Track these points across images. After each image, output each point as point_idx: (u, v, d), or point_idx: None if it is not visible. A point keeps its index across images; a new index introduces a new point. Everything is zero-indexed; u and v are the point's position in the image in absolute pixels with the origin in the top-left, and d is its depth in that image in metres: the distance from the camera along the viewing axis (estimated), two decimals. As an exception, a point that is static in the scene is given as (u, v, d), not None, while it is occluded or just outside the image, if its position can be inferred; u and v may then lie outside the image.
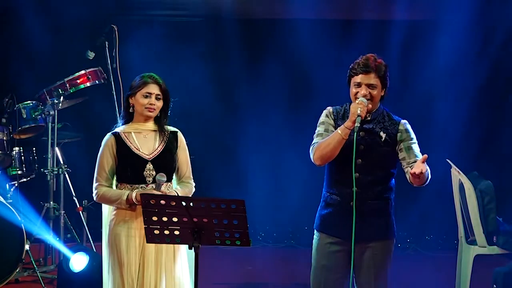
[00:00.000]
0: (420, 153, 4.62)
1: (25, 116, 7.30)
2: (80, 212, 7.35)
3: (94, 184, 4.81)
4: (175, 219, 4.18)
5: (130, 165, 4.75)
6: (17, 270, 6.80)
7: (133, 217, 4.74)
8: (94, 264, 6.37)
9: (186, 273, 4.85)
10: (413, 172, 4.44)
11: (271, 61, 8.41)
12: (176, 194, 4.77)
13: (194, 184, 4.94)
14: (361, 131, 4.61)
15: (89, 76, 7.40)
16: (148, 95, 4.79)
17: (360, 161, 4.61)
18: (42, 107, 7.29)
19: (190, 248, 4.23)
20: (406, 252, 8.57)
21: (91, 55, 7.50)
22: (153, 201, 4.21)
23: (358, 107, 4.54)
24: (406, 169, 4.63)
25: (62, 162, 7.43)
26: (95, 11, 8.40)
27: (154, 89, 4.80)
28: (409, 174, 4.53)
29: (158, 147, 4.83)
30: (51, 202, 7.33)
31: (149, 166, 4.76)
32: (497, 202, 6.56)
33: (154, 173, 4.75)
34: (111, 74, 7.29)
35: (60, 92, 7.31)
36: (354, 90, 4.63)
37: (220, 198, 4.14)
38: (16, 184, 7.36)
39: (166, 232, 4.22)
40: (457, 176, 6.64)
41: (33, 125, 7.37)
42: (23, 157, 7.38)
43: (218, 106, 8.66)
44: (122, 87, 7.17)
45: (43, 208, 7.33)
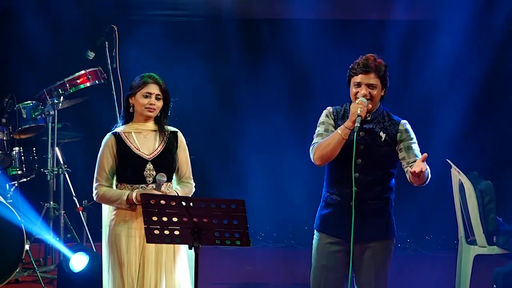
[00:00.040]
0: (420, 153, 4.62)
1: (25, 116, 7.29)
2: (80, 212, 7.35)
3: (94, 184, 4.81)
4: (175, 219, 4.18)
5: (130, 165, 4.75)
6: (17, 270, 6.80)
7: (133, 217, 4.74)
8: (94, 264, 6.36)
9: (186, 273, 4.85)
10: (413, 171, 4.44)
11: (271, 61, 8.41)
12: (176, 194, 4.77)
13: (194, 184, 4.94)
14: (361, 131, 4.61)
15: (89, 76, 7.40)
16: (148, 95, 4.79)
17: (360, 161, 4.61)
18: (42, 107, 7.29)
19: (190, 248, 4.23)
20: (406, 252, 8.57)
21: (91, 55, 7.50)
22: (153, 201, 4.21)
23: (358, 107, 4.54)
24: (406, 168, 4.63)
25: (62, 162, 7.42)
26: (95, 11, 8.40)
27: (154, 89, 4.80)
28: (409, 173, 4.53)
29: (158, 147, 4.83)
30: (51, 202, 7.33)
31: (149, 166, 4.76)
32: (497, 202, 6.56)
33: (154, 173, 4.75)
34: (111, 74, 7.29)
35: (60, 92, 7.31)
36: (354, 90, 4.63)
37: (220, 198, 4.14)
38: (16, 184, 7.35)
39: (166, 232, 4.21)
40: (457, 176, 6.63)
41: (33, 125, 7.36)
42: (23, 157, 7.38)
43: (218, 106, 8.66)
44: (122, 87, 7.17)
45: (43, 208, 7.33)
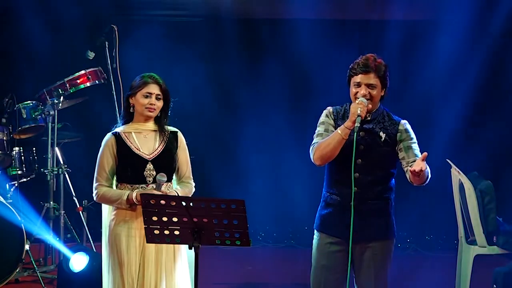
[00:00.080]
0: (420, 152, 4.62)
1: (25, 116, 7.29)
2: (80, 212, 7.35)
3: (94, 184, 4.81)
4: (175, 219, 4.18)
5: (130, 165, 4.75)
6: (17, 270, 6.80)
7: (133, 217, 4.74)
8: (94, 264, 6.36)
9: (186, 273, 4.85)
10: (413, 170, 4.44)
11: (271, 61, 8.41)
12: (176, 194, 4.77)
13: (194, 184, 4.94)
14: (361, 131, 4.60)
15: (89, 76, 7.40)
16: (148, 95, 4.79)
17: (360, 161, 4.61)
18: (42, 107, 7.29)
19: (190, 248, 4.23)
20: (406, 252, 8.57)
21: (91, 55, 7.49)
22: (153, 201, 4.21)
23: (358, 107, 4.54)
24: (406, 168, 4.62)
25: (62, 162, 7.42)
26: (95, 11, 8.40)
27: (154, 89, 4.80)
28: (409, 172, 4.53)
29: (158, 147, 4.82)
30: (51, 202, 7.33)
31: (149, 166, 4.76)
32: (497, 202, 6.56)
33: (154, 173, 4.75)
34: (111, 74, 7.29)
35: (60, 92, 7.31)
36: (354, 90, 4.63)
37: (220, 198, 4.14)
38: (16, 184, 7.35)
39: (166, 232, 4.21)
40: (457, 176, 6.63)
41: (33, 125, 7.36)
42: (23, 157, 7.38)
43: (218, 106, 8.66)
44: (122, 87, 7.17)
45: (43, 208, 7.33)
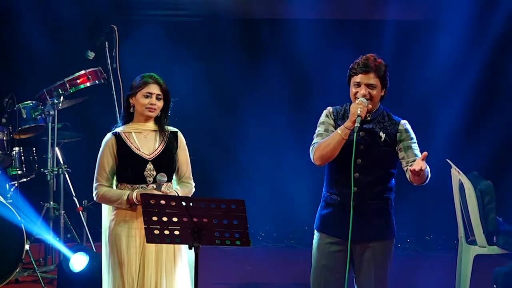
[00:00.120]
0: (420, 152, 4.61)
1: (25, 116, 7.29)
2: (80, 212, 7.35)
3: (94, 184, 4.81)
4: (175, 219, 4.18)
5: (130, 165, 4.75)
6: (17, 270, 6.80)
7: (133, 217, 4.74)
8: (94, 264, 6.36)
9: (186, 273, 4.85)
10: (413, 169, 4.44)
11: (271, 61, 8.41)
12: (176, 194, 4.77)
13: (194, 184, 4.94)
14: (361, 131, 4.60)
15: (89, 76, 7.40)
16: (148, 95, 4.79)
17: (360, 161, 4.61)
18: (42, 107, 7.29)
19: (190, 248, 4.23)
20: (406, 252, 8.57)
21: (91, 55, 7.49)
22: (153, 201, 4.20)
23: (358, 107, 4.54)
24: (405, 168, 4.62)
25: (62, 162, 7.42)
26: (95, 11, 8.40)
27: (154, 89, 4.80)
28: (409, 172, 4.53)
29: (158, 147, 4.82)
30: (51, 202, 7.33)
31: (150, 166, 4.76)
32: (497, 202, 6.56)
33: (154, 173, 4.75)
34: (111, 74, 7.29)
35: (60, 92, 7.31)
36: (354, 90, 4.63)
37: (220, 198, 4.14)
38: (16, 184, 7.35)
39: (166, 232, 4.21)
40: (457, 176, 6.63)
41: (33, 125, 7.36)
42: (23, 157, 7.38)
43: (218, 106, 8.66)
44: (122, 87, 7.17)
45: (43, 208, 7.33)
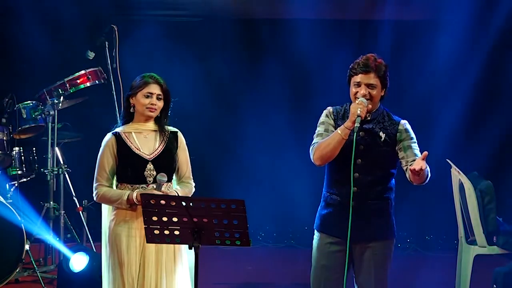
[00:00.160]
0: (420, 152, 4.61)
1: (25, 116, 7.29)
2: (80, 212, 7.35)
3: (94, 184, 4.81)
4: (175, 219, 4.18)
5: (130, 165, 4.75)
6: (17, 270, 6.80)
7: (133, 217, 4.74)
8: (94, 264, 6.36)
9: (186, 273, 4.85)
10: (413, 169, 4.43)
11: (271, 61, 8.41)
12: (177, 194, 4.77)
13: (194, 184, 4.94)
14: (361, 131, 4.60)
15: (89, 76, 7.40)
16: (149, 95, 4.79)
17: (360, 161, 4.61)
18: (42, 107, 7.29)
19: (190, 248, 4.23)
20: (406, 252, 8.57)
21: (91, 55, 7.50)
22: (153, 201, 4.20)
23: (358, 107, 4.53)
24: (405, 167, 4.62)
25: (62, 162, 7.42)
26: (95, 11, 8.40)
27: (155, 89, 4.80)
28: (409, 171, 4.53)
29: (158, 147, 4.83)
30: (51, 202, 7.33)
31: (150, 166, 4.76)
32: (497, 202, 6.56)
33: (154, 173, 4.75)
34: (111, 74, 7.29)
35: (60, 92, 7.31)
36: (354, 90, 4.63)
37: (220, 198, 4.14)
38: (16, 184, 7.35)
39: (166, 232, 4.21)
40: (457, 176, 6.63)
41: (33, 125, 7.36)
42: (23, 157, 7.38)
43: (218, 106, 8.66)
44: (122, 87, 7.17)
45: (43, 208, 7.33)
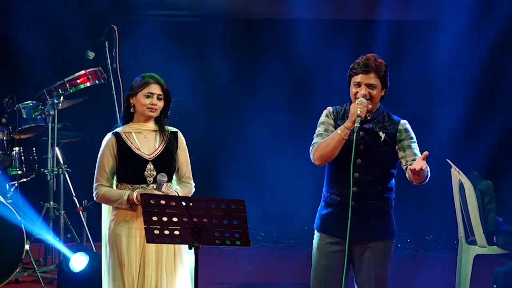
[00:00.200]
0: (419, 152, 4.61)
1: (25, 116, 7.29)
2: (80, 212, 7.35)
3: (95, 184, 4.81)
4: (175, 219, 4.18)
5: (130, 165, 4.75)
6: (17, 270, 6.80)
7: (133, 217, 4.74)
8: (94, 264, 6.36)
9: (187, 273, 4.85)
10: (413, 168, 4.43)
11: (271, 61, 8.41)
12: (177, 194, 4.77)
13: (194, 184, 4.94)
14: (361, 131, 4.60)
15: (89, 76, 7.40)
16: (150, 95, 4.79)
17: (360, 161, 4.61)
18: (42, 107, 7.29)
19: (190, 248, 4.23)
20: (406, 252, 8.57)
21: (91, 55, 7.50)
22: (153, 201, 4.20)
23: (358, 108, 4.53)
24: (405, 166, 4.62)
25: (62, 162, 7.42)
26: (95, 11, 8.40)
27: (155, 89, 4.80)
28: (409, 171, 4.53)
29: (158, 147, 4.83)
30: (51, 202, 7.32)
31: (150, 166, 4.76)
32: (497, 202, 6.56)
33: (154, 173, 4.75)
34: (111, 74, 7.29)
35: (60, 92, 7.31)
36: (354, 90, 4.63)
37: (220, 198, 4.14)
38: (16, 184, 7.35)
39: (166, 232, 4.21)
40: (457, 176, 6.63)
41: (33, 125, 7.36)
42: (23, 157, 7.37)
43: (218, 106, 8.67)
44: (122, 87, 7.17)
45: (43, 208, 7.33)
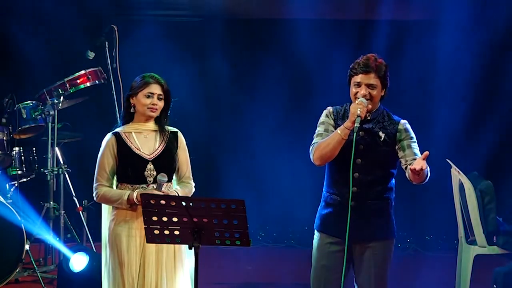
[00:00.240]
0: (419, 152, 4.61)
1: (25, 116, 7.29)
2: (80, 212, 7.35)
3: (95, 184, 4.81)
4: (175, 219, 4.18)
5: (130, 165, 4.75)
6: (17, 270, 6.80)
7: (133, 217, 4.74)
8: (94, 264, 6.36)
9: (187, 273, 4.85)
10: (413, 168, 4.43)
11: (271, 61, 8.41)
12: (177, 194, 4.77)
13: (194, 184, 4.94)
14: (361, 130, 4.60)
15: (89, 76, 7.40)
16: (150, 95, 4.79)
17: (360, 161, 4.61)
18: (42, 107, 7.29)
19: (190, 248, 4.23)
20: (406, 252, 8.57)
21: (91, 55, 7.50)
22: (153, 201, 4.20)
23: (358, 108, 4.53)
24: (405, 166, 4.62)
25: (62, 162, 7.42)
26: (95, 11, 8.40)
27: (156, 89, 4.80)
28: (409, 171, 4.52)
29: (158, 147, 4.83)
30: (51, 202, 7.32)
31: (150, 166, 4.76)
32: (497, 202, 6.56)
33: (154, 173, 4.75)
34: (111, 74, 7.29)
35: (60, 92, 7.31)
36: (354, 90, 4.63)
37: (220, 198, 4.14)
38: (16, 184, 7.35)
39: (166, 232, 4.21)
40: (457, 176, 6.63)
41: (33, 125, 7.36)
42: (23, 157, 7.37)
43: (218, 106, 8.67)
44: (122, 87, 7.17)
45: (43, 208, 7.33)
